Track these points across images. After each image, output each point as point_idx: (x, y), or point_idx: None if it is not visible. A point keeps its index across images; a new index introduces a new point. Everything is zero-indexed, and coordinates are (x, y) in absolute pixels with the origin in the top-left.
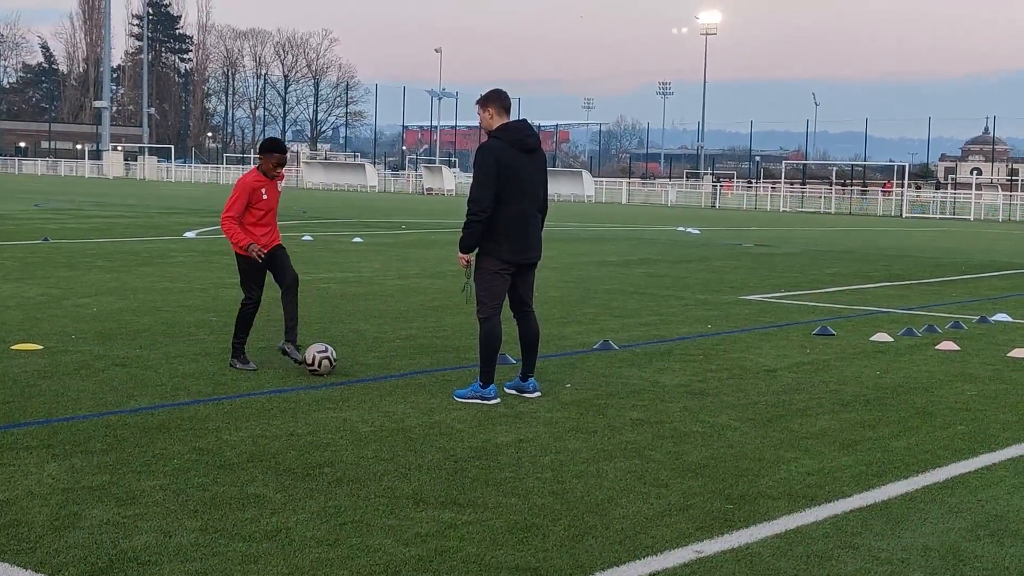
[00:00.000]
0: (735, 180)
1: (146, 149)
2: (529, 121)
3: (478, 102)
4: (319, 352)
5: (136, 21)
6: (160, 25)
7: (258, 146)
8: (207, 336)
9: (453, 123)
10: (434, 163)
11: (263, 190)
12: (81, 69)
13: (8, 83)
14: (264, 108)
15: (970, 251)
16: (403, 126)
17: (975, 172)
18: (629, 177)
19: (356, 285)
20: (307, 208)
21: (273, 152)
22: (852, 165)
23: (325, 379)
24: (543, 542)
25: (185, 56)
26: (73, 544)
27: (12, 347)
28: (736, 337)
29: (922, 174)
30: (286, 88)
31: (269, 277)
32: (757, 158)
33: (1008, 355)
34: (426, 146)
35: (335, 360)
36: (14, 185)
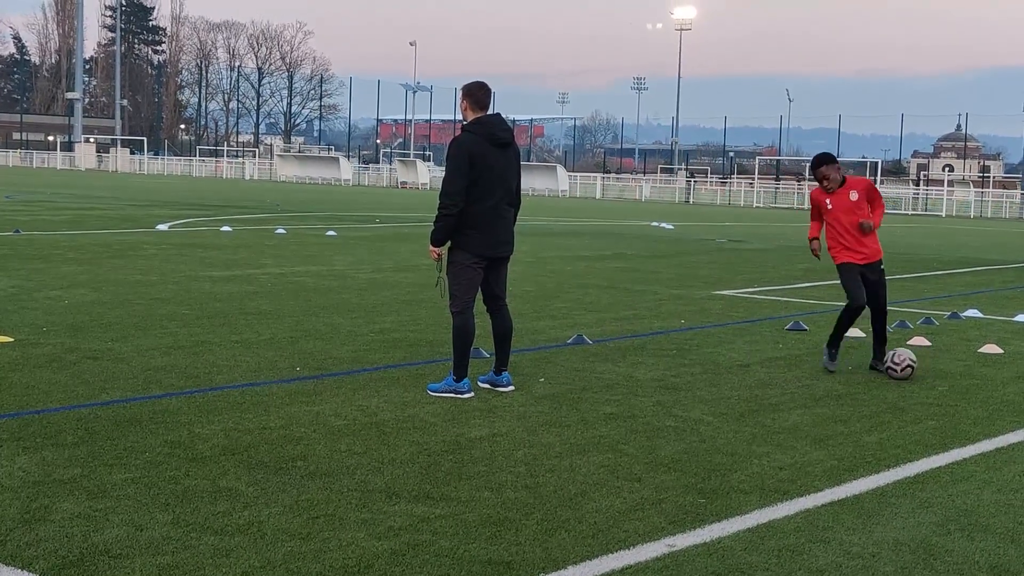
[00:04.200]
0: (710, 175)
1: (119, 141)
2: (503, 115)
3: (462, 88)
4: (909, 360)
5: (109, 12)
6: (133, 16)
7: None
8: (179, 329)
9: (428, 117)
10: (408, 157)
11: (827, 201)
12: (53, 60)
13: None
14: (238, 101)
15: (942, 247)
16: (377, 119)
17: (947, 169)
18: (604, 172)
19: (330, 279)
20: (280, 202)
21: (817, 167)
22: None
23: (298, 372)
24: (516, 536)
25: (158, 48)
26: (44, 537)
27: None
28: (709, 332)
29: (895, 170)
30: (260, 81)
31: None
32: (731, 154)
33: (979, 351)
34: (400, 140)
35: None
36: None
